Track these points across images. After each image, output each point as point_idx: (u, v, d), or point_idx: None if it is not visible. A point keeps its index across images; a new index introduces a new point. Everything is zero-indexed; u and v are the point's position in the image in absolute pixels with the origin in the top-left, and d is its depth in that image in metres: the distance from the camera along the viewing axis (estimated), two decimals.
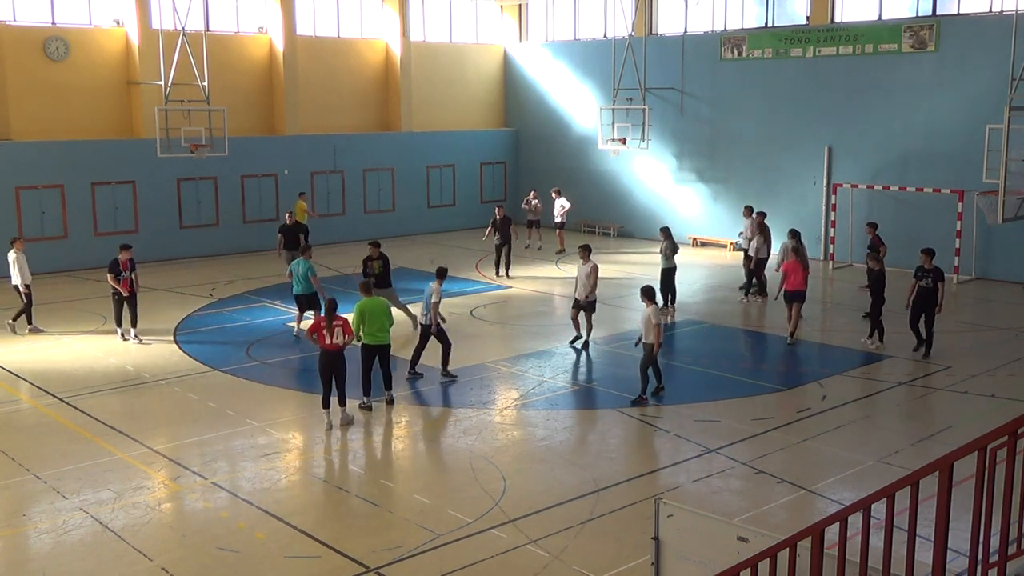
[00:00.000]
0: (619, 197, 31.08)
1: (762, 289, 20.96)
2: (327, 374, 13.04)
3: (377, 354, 13.74)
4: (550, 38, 33.34)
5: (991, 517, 5.06)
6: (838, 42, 25.63)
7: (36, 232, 24.45)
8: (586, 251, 17.25)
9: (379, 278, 17.25)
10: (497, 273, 23.68)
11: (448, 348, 15.22)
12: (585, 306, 17.08)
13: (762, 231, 21.03)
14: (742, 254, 22.15)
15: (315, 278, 17.25)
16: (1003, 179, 19.56)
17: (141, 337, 17.65)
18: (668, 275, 19.72)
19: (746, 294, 21.17)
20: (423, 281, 23.55)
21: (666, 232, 20.03)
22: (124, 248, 17.49)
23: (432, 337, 15.09)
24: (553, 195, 28.10)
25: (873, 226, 19.83)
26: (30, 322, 18.37)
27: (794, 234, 19.31)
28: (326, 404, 13.12)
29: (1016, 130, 19.49)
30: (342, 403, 13.20)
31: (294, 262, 17.67)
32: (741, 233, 22.54)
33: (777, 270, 18.90)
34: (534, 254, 27.13)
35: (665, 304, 19.46)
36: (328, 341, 12.91)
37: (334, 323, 12.98)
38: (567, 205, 27.70)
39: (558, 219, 27.67)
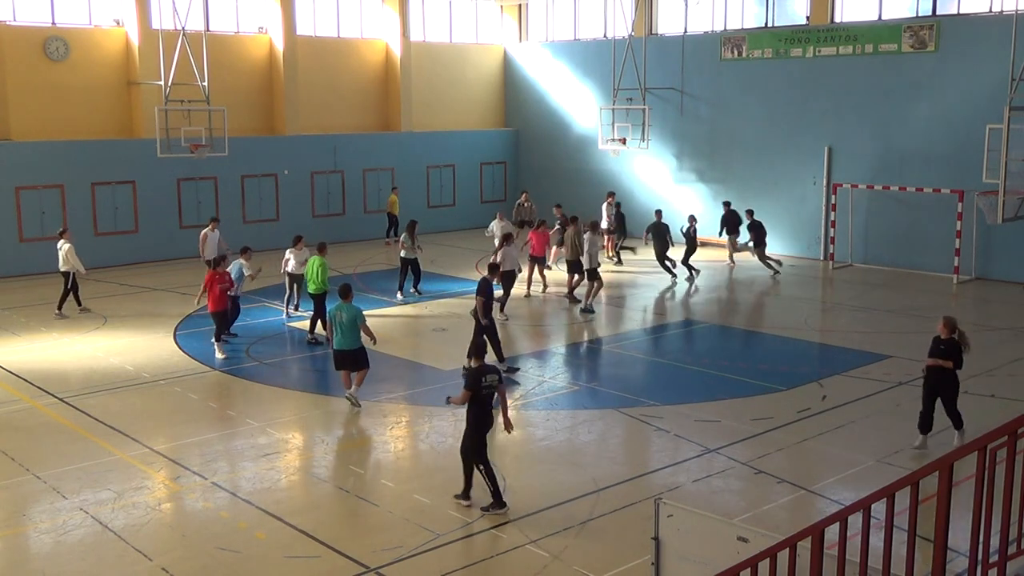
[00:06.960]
0: (619, 197, 30.94)
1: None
2: None
3: None
4: (550, 38, 33.32)
5: (991, 517, 5.06)
6: (838, 42, 25.62)
7: (36, 232, 24.43)
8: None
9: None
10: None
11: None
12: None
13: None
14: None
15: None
16: (1003, 179, 19.56)
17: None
18: (412, 263, 21.49)
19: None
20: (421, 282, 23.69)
21: (411, 227, 21.63)
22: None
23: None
24: (554, 212, 26.03)
25: (750, 212, 22.91)
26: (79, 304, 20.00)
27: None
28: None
29: (1016, 130, 19.48)
30: None
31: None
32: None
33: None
34: None
35: (406, 288, 21.67)
36: None
37: None
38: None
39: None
